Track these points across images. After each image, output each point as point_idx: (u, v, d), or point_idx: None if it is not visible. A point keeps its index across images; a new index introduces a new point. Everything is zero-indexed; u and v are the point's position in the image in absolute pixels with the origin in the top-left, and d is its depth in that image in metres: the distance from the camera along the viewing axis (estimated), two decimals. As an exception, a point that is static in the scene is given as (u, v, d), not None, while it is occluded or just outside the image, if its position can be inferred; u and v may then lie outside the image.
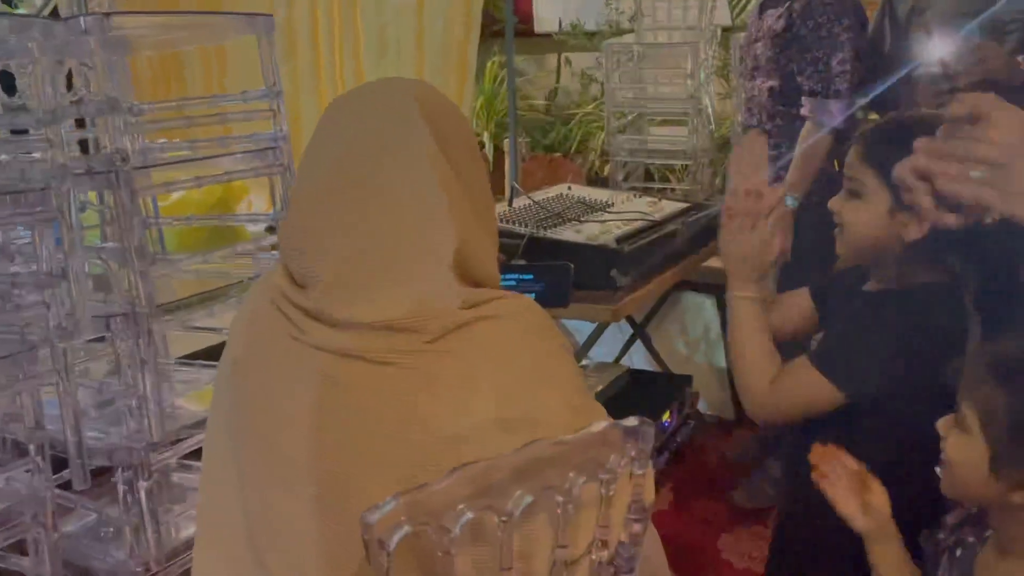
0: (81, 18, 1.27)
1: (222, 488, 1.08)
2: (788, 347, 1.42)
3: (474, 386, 0.95)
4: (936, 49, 1.88)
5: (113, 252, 1.36)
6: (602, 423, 1.00)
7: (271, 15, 1.56)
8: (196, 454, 1.73)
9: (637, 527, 1.05)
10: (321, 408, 0.97)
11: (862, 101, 2.18)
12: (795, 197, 2.25)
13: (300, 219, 1.05)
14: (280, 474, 1.00)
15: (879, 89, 2.09)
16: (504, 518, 0.91)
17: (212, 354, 1.91)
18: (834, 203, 1.32)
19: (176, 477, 1.83)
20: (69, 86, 1.41)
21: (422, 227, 0.99)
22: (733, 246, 1.33)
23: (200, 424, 1.61)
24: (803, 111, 2.29)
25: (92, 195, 1.38)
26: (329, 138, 1.06)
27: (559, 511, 0.96)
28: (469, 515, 0.89)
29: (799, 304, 1.48)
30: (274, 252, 1.73)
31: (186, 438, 1.59)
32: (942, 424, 1.07)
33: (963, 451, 1.02)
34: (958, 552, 1.09)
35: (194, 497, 1.78)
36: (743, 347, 1.34)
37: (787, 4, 2.30)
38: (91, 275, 1.48)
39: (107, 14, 1.30)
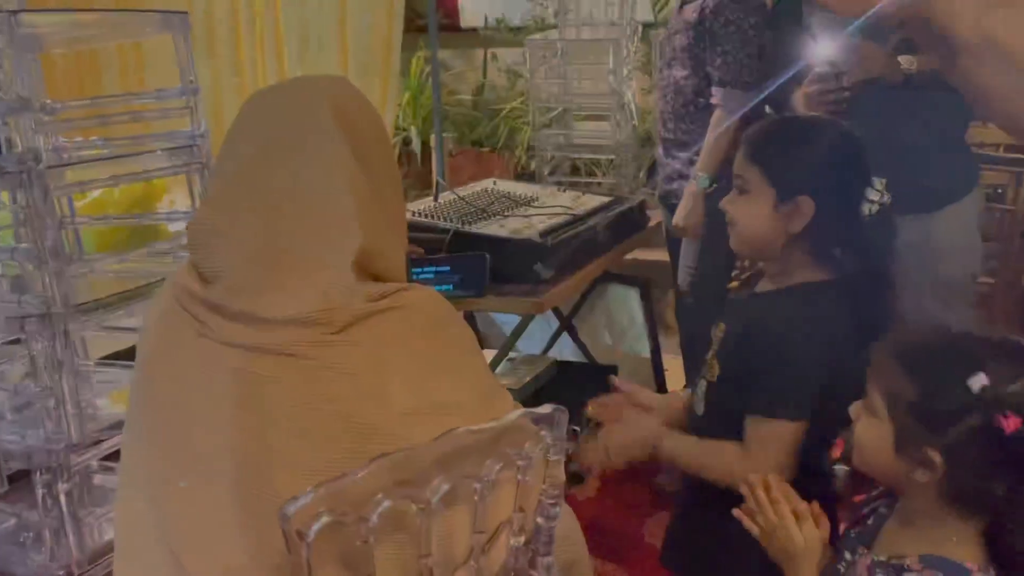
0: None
1: (136, 492, 1.07)
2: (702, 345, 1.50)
3: (384, 376, 0.97)
4: (823, 50, 1.97)
5: (27, 253, 1.34)
6: (517, 411, 1.03)
7: (186, 12, 1.55)
8: (117, 455, 1.72)
9: (553, 510, 1.09)
10: (235, 403, 0.98)
11: (764, 93, 2.29)
12: (707, 177, 2.40)
13: (209, 216, 1.06)
14: (196, 469, 1.01)
15: (771, 88, 2.21)
16: (422, 506, 0.94)
17: (133, 354, 1.90)
18: (725, 202, 1.39)
19: (98, 479, 1.81)
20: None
21: (327, 225, 1.01)
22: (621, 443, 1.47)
23: (120, 424, 1.60)
24: (712, 100, 2.42)
25: (4, 195, 1.36)
26: (241, 137, 1.08)
27: (476, 498, 0.99)
28: (387, 504, 0.91)
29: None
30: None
31: (107, 439, 1.58)
32: (853, 409, 1.13)
33: (872, 432, 1.08)
34: (869, 521, 1.16)
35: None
36: (697, 466, 1.42)
37: (702, 0, 2.40)
38: (7, 277, 1.46)
39: (14, 12, 1.28)
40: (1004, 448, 0.96)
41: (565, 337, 3.19)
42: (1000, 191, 3.21)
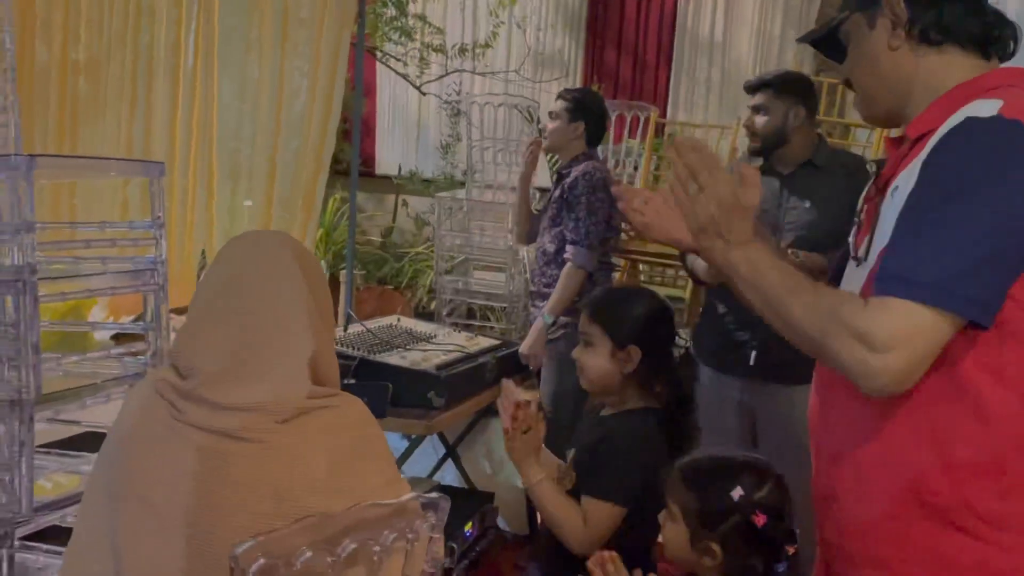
0: (14, 157, 1.58)
1: (93, 546, 1.33)
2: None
3: (312, 457, 1.29)
4: None
5: (11, 346, 1.62)
6: (410, 494, 1.36)
7: (163, 163, 1.90)
8: (40, 536, 1.93)
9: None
10: (194, 474, 1.28)
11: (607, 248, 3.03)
12: (551, 315, 3.00)
13: (192, 326, 1.39)
14: (153, 526, 1.28)
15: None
16: (333, 559, 1.25)
17: (65, 445, 2.12)
18: (576, 352, 1.82)
19: (18, 556, 2.00)
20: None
21: (286, 337, 1.35)
22: (516, 453, 1.78)
23: (48, 507, 1.83)
24: (565, 255, 3.01)
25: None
26: (220, 268, 1.42)
27: (375, 558, 1.30)
28: (308, 555, 1.22)
29: None
30: (138, 357, 2.01)
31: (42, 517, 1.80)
32: (661, 516, 1.52)
33: (673, 534, 1.47)
34: None
35: (34, 574, 1.96)
36: (552, 515, 1.76)
37: (563, 179, 3.06)
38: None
39: (34, 156, 1.61)
40: (759, 537, 1.37)
41: (449, 464, 3.50)
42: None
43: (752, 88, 2.58)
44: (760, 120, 2.51)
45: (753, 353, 2.40)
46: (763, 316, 1.23)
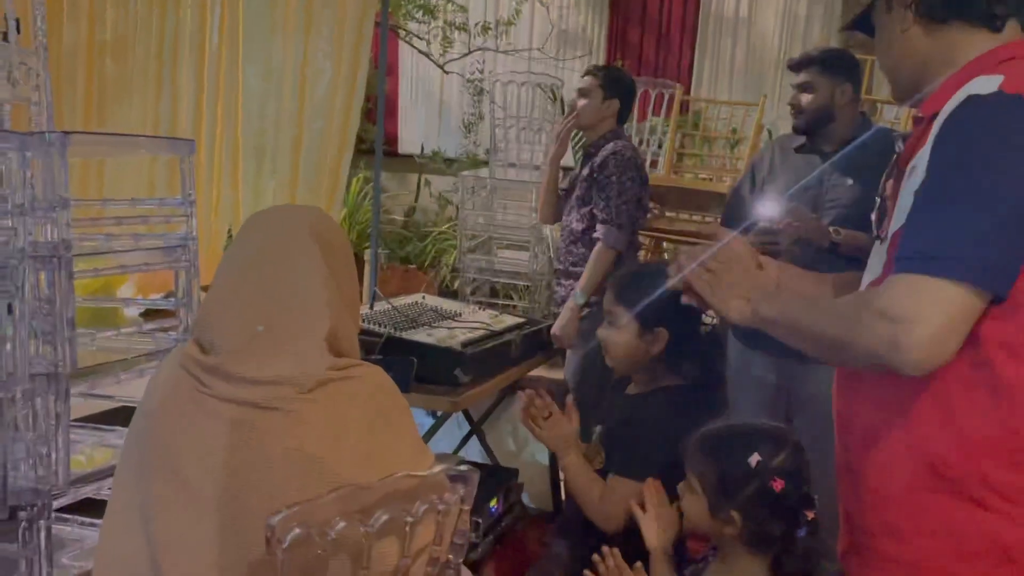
0: (48, 134, 1.60)
1: (127, 520, 1.35)
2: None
3: (341, 428, 1.31)
4: (766, 209, 2.46)
5: (47, 321, 1.65)
6: (441, 466, 1.38)
7: (192, 140, 1.92)
8: (75, 508, 1.97)
9: (460, 548, 1.42)
10: (225, 444, 1.30)
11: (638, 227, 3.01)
12: (583, 294, 2.98)
13: (214, 304, 1.41)
14: (184, 499, 1.30)
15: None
16: (367, 529, 1.27)
17: (99, 419, 2.16)
18: (600, 331, 1.82)
19: (54, 528, 2.04)
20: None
21: (305, 313, 1.37)
22: (549, 442, 1.86)
23: (83, 479, 1.86)
24: (595, 235, 2.99)
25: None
26: (241, 245, 1.45)
27: (406, 528, 1.32)
28: (342, 525, 1.24)
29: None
30: (170, 333, 2.04)
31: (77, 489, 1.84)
32: (680, 487, 1.53)
33: (693, 504, 1.49)
34: (701, 564, 1.55)
35: (69, 545, 2.00)
36: (576, 485, 1.82)
37: (593, 158, 3.02)
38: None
39: (67, 132, 1.63)
40: (777, 502, 1.38)
41: (473, 441, 3.53)
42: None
43: (797, 65, 2.55)
44: (806, 98, 2.49)
45: None
46: (803, 349, 1.28)
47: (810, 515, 1.40)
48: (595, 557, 1.58)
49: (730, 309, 1.33)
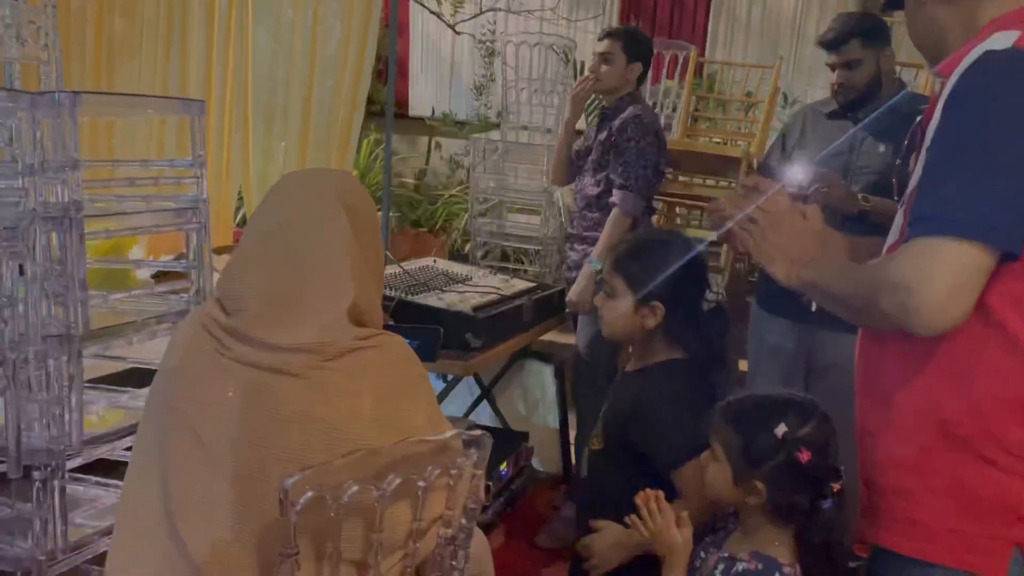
0: (58, 94, 1.58)
1: (145, 477, 1.36)
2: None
3: (359, 393, 1.31)
4: (795, 173, 2.41)
5: (59, 283, 1.64)
6: (453, 431, 1.37)
7: (203, 100, 1.89)
8: (89, 468, 1.98)
9: (473, 512, 1.43)
10: (242, 407, 1.30)
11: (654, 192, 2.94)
12: (599, 261, 2.87)
13: (239, 265, 1.39)
14: (202, 458, 1.30)
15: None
16: (380, 494, 1.26)
17: (112, 381, 2.17)
18: (597, 300, 1.78)
19: (68, 487, 2.05)
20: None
21: (328, 280, 1.36)
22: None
23: (96, 440, 1.87)
24: (611, 200, 2.92)
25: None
26: (267, 209, 1.42)
27: (419, 493, 1.32)
28: (355, 488, 1.24)
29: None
30: (181, 295, 2.04)
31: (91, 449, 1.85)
32: (704, 456, 1.51)
33: (717, 474, 1.47)
34: (722, 532, 1.54)
35: (84, 504, 2.02)
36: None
37: (611, 121, 2.95)
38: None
39: (77, 92, 1.62)
40: (803, 473, 1.37)
41: (484, 405, 3.53)
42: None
43: (835, 43, 2.46)
44: (855, 75, 2.42)
45: None
46: (836, 313, 1.30)
47: (836, 487, 1.39)
48: (638, 498, 1.53)
49: (777, 270, 1.34)
